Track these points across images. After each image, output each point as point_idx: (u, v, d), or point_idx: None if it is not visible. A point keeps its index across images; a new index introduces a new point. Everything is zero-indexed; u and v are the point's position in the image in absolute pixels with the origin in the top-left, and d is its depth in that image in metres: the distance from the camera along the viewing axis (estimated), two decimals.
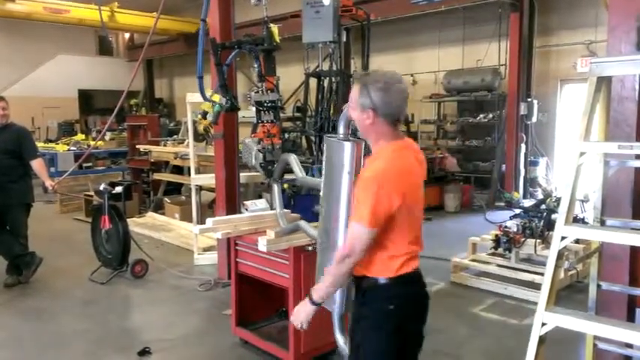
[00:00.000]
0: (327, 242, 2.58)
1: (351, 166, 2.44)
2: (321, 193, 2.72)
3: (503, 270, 5.48)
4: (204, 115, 5.39)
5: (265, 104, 4.18)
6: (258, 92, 4.20)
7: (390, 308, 2.19)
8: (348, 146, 2.45)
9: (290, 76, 9.21)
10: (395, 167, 2.17)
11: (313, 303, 2.25)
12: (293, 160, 3.57)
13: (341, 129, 2.59)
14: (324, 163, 2.67)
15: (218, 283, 5.50)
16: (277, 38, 4.38)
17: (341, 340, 2.67)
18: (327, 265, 2.35)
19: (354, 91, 2.22)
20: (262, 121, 4.21)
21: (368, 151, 2.39)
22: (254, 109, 4.25)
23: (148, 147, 9.23)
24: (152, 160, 9.15)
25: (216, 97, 4.44)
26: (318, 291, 2.25)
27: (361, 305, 2.29)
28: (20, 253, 5.57)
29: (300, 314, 2.30)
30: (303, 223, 3.50)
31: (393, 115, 2.18)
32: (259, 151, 4.20)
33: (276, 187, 3.84)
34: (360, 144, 2.48)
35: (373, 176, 2.14)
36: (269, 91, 4.19)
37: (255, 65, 4.25)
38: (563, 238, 2.41)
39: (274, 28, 4.35)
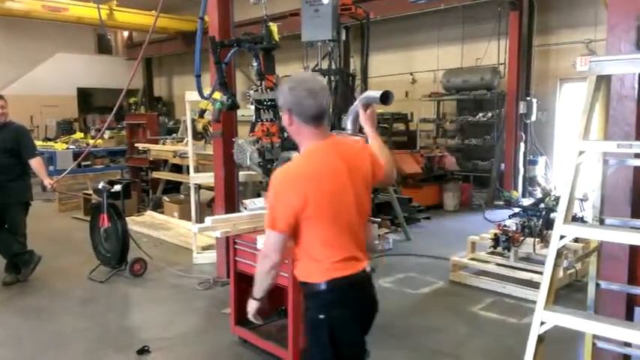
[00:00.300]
0: None
1: None
2: None
3: (502, 269, 5.48)
4: (202, 113, 5.39)
5: (265, 103, 4.18)
6: (257, 91, 4.20)
7: (321, 317, 2.15)
8: None
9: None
10: (299, 169, 2.16)
11: (254, 299, 2.34)
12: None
13: (349, 125, 2.63)
14: None
15: (217, 281, 5.50)
16: (276, 37, 4.38)
17: None
18: None
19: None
20: (261, 120, 4.21)
21: None
22: (253, 107, 4.25)
23: (146, 145, 9.22)
24: (151, 159, 9.13)
25: (217, 95, 4.44)
26: (255, 289, 2.31)
27: (304, 311, 2.32)
28: (19, 251, 5.56)
29: (248, 309, 2.38)
30: None
31: (307, 115, 2.14)
32: (258, 149, 4.20)
33: None
34: (364, 140, 2.50)
35: (273, 178, 2.17)
36: (268, 90, 4.19)
37: (255, 64, 4.25)
38: (562, 236, 2.41)
39: (273, 26, 4.34)
